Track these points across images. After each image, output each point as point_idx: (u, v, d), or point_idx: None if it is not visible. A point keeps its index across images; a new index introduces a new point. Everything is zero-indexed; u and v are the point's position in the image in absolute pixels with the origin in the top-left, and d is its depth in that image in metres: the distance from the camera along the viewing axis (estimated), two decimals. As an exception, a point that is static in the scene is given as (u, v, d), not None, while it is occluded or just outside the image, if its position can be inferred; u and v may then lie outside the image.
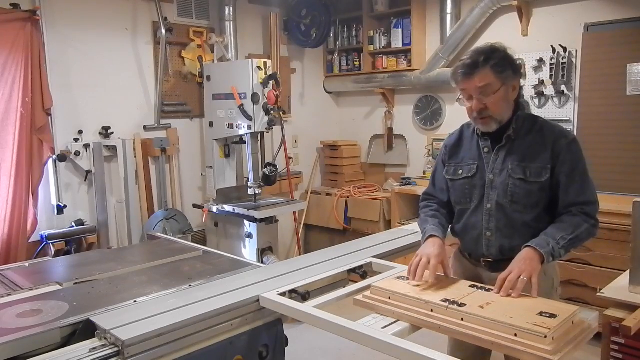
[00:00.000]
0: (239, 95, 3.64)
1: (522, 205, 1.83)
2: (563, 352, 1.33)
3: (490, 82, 1.77)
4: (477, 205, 1.92)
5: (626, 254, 1.96)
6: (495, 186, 1.87)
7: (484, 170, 1.90)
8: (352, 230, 4.80)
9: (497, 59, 1.77)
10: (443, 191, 2.07)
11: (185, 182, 4.35)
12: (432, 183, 2.15)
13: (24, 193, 3.29)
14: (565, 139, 1.82)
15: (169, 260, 2.40)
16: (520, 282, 1.61)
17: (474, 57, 1.78)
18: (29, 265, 2.45)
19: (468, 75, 1.78)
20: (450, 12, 4.45)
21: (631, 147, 3.65)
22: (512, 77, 1.80)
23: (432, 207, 2.07)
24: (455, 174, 1.99)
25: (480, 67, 1.76)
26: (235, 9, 4.35)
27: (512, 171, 1.84)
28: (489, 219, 1.89)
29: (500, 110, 1.81)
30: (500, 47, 1.82)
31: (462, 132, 2.04)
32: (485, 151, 1.91)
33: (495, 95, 1.78)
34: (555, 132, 1.84)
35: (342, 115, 5.59)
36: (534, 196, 1.82)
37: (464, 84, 1.81)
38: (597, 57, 3.79)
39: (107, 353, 1.42)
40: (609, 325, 1.81)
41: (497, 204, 1.87)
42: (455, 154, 2.02)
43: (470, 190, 1.93)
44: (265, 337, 1.76)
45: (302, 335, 2.92)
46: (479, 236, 1.92)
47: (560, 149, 1.81)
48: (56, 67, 3.53)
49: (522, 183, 1.82)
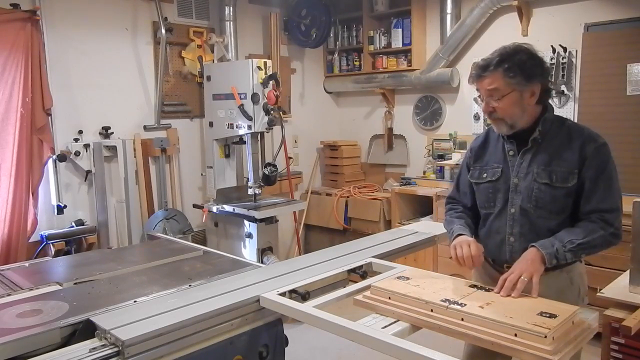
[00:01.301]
0: (239, 95, 3.64)
1: (546, 211, 1.78)
2: (563, 352, 1.33)
3: (499, 86, 1.73)
4: (500, 209, 1.87)
5: (626, 254, 1.96)
6: (519, 190, 1.83)
7: (509, 173, 1.86)
8: (352, 230, 4.80)
9: (511, 63, 1.72)
10: (466, 195, 2.03)
11: (185, 182, 4.35)
12: (455, 187, 2.11)
13: (24, 193, 3.29)
14: (594, 143, 1.75)
15: (169, 260, 2.40)
16: (521, 282, 1.60)
17: (490, 59, 1.75)
18: (29, 265, 2.45)
19: (478, 76, 1.77)
20: (450, 12, 4.45)
21: (631, 147, 3.65)
22: (524, 84, 1.73)
23: (457, 210, 2.04)
24: (479, 177, 1.95)
25: (491, 69, 1.73)
26: (235, 9, 4.35)
27: (537, 175, 1.79)
28: (513, 224, 1.84)
29: (511, 115, 1.77)
30: (525, 49, 1.76)
31: (487, 135, 2.00)
32: (510, 154, 1.87)
33: (504, 100, 1.74)
34: (583, 135, 1.78)
35: (342, 115, 5.59)
36: (560, 202, 1.77)
37: (476, 84, 1.80)
38: (597, 57, 3.79)
39: (107, 353, 1.43)
40: (609, 325, 1.81)
41: (521, 208, 1.82)
42: (480, 157, 1.98)
43: (494, 194, 1.89)
44: (265, 337, 1.76)
45: (302, 335, 2.92)
46: (502, 241, 1.87)
47: (587, 152, 1.74)
48: (56, 67, 3.53)
49: (547, 188, 1.77)
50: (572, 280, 1.85)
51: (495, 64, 1.73)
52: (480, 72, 1.76)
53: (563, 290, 1.80)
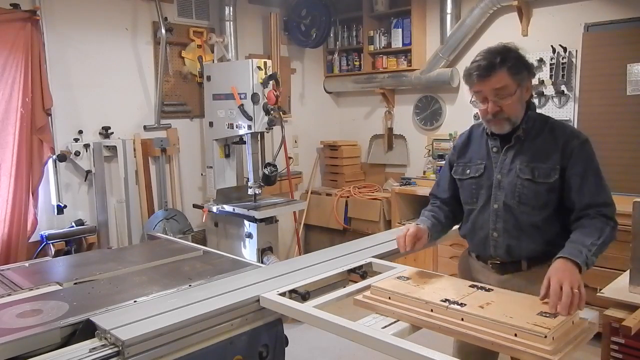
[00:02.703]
0: (239, 95, 3.64)
1: (529, 207, 1.80)
2: (563, 352, 1.33)
3: (507, 84, 1.73)
4: (483, 205, 1.90)
5: (626, 254, 1.95)
6: (502, 186, 1.85)
7: (492, 170, 1.88)
8: (352, 230, 4.80)
9: (513, 60, 1.74)
10: (445, 190, 2.07)
11: (185, 182, 4.35)
12: (436, 183, 2.16)
13: (24, 193, 3.29)
14: (577, 140, 1.78)
15: (169, 260, 2.40)
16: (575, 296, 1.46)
17: (490, 58, 1.74)
18: (29, 265, 2.45)
19: (484, 77, 1.74)
20: (450, 12, 4.45)
21: (631, 147, 3.65)
22: (527, 78, 1.77)
23: (434, 204, 2.09)
24: (463, 173, 1.97)
25: (497, 68, 1.72)
26: (235, 9, 4.35)
27: (520, 171, 1.81)
28: (496, 220, 1.86)
29: (516, 112, 1.79)
30: (513, 47, 1.79)
31: (471, 133, 2.03)
32: (494, 151, 1.89)
33: (511, 97, 1.75)
34: (566, 132, 1.81)
35: (342, 115, 5.59)
36: (542, 197, 1.79)
37: (479, 85, 1.77)
38: (597, 57, 3.79)
39: (107, 353, 1.42)
40: (609, 325, 1.81)
41: (504, 204, 1.84)
42: (463, 154, 2.00)
43: (477, 190, 1.92)
44: (265, 337, 1.76)
45: (302, 335, 2.92)
46: (486, 237, 1.90)
47: (571, 149, 1.77)
48: (56, 67, 3.53)
49: (530, 184, 1.79)
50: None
51: (500, 63, 1.72)
52: (485, 72, 1.73)
53: None
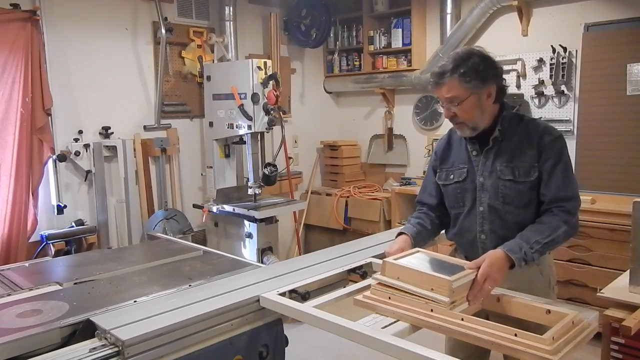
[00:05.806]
0: (239, 95, 3.64)
1: (514, 206, 1.84)
2: (563, 352, 1.33)
3: (457, 93, 1.77)
4: (469, 208, 1.93)
5: (626, 254, 1.96)
6: (486, 188, 1.88)
7: (474, 173, 1.91)
8: (352, 230, 4.80)
9: (466, 68, 1.75)
10: (432, 196, 2.09)
11: (185, 182, 4.35)
12: (422, 189, 2.16)
13: (24, 193, 3.29)
14: (549, 136, 1.82)
15: (169, 260, 2.40)
16: (487, 292, 1.60)
17: (444, 66, 1.79)
18: (29, 265, 2.45)
19: (435, 85, 1.82)
20: (450, 12, 4.45)
21: (631, 147, 3.65)
22: (480, 86, 1.77)
23: (420, 210, 2.11)
24: (447, 179, 2.00)
25: (446, 77, 1.77)
26: (235, 9, 4.35)
27: (500, 173, 1.85)
28: (483, 222, 1.90)
29: (472, 118, 1.82)
30: (477, 52, 1.81)
31: (450, 137, 2.06)
32: (473, 154, 1.92)
33: (463, 105, 1.78)
34: (539, 129, 1.85)
35: (342, 115, 5.59)
36: (525, 196, 1.83)
37: (434, 92, 1.85)
38: (597, 57, 3.79)
39: (107, 353, 1.42)
40: (609, 325, 1.81)
41: (489, 206, 1.87)
42: (445, 159, 2.03)
43: (462, 194, 1.95)
44: (265, 337, 1.76)
45: (302, 335, 2.92)
46: (474, 239, 1.93)
47: (543, 145, 1.81)
48: (56, 67, 3.53)
49: (512, 184, 1.83)
50: (542, 272, 1.91)
51: (451, 71, 1.76)
52: (437, 79, 1.80)
53: (534, 282, 1.87)
